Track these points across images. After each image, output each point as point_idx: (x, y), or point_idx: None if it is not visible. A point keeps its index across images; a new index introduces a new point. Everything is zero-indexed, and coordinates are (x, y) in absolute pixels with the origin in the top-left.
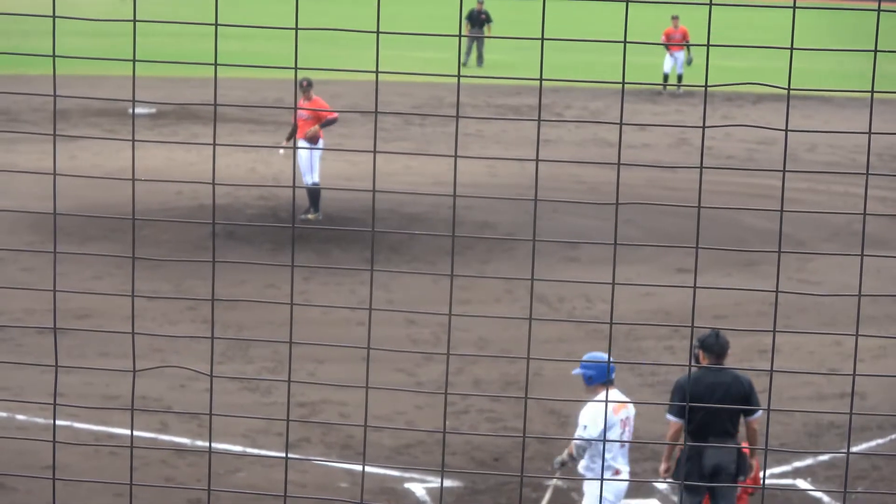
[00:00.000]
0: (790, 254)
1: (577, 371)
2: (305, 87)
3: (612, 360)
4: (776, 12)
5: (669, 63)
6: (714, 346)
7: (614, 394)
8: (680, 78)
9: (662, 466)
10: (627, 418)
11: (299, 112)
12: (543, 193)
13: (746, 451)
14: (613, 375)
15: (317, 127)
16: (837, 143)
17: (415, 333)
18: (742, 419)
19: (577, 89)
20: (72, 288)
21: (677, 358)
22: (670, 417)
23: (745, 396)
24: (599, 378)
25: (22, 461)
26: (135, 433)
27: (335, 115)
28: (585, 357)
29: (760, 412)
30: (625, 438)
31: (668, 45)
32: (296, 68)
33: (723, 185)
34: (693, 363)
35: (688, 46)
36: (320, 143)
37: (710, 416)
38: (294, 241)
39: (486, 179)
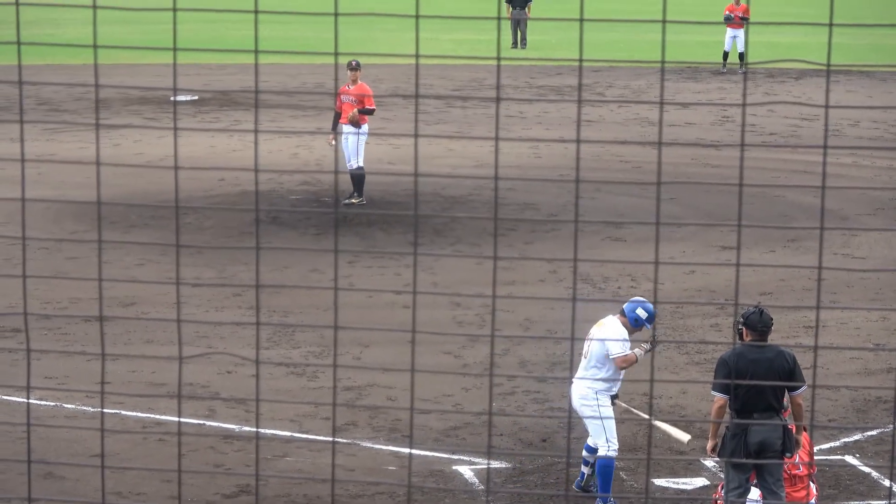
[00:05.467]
0: (834, 230)
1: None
2: (354, 66)
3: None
4: None
5: (730, 41)
6: (757, 322)
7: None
8: (741, 57)
9: (709, 444)
10: (588, 335)
11: (344, 95)
12: (586, 173)
13: (792, 427)
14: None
15: (356, 111)
16: (880, 117)
17: (460, 315)
18: (787, 395)
19: (619, 68)
20: (116, 275)
21: (723, 335)
22: (715, 393)
23: (788, 372)
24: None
25: (70, 449)
26: (182, 420)
27: (373, 107)
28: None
29: (805, 387)
30: (584, 352)
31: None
32: (336, 54)
33: (766, 161)
34: (737, 340)
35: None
36: (364, 129)
37: (755, 392)
38: (337, 226)
39: (529, 160)
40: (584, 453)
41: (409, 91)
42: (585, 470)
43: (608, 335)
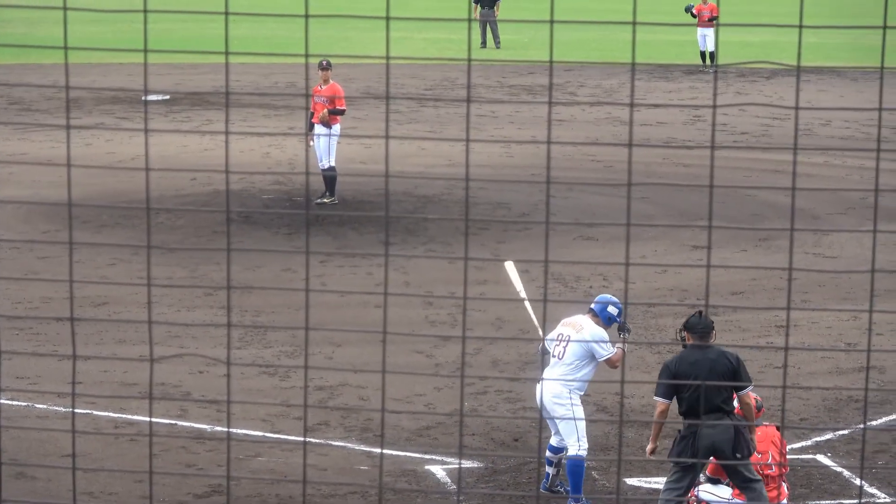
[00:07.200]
0: (805, 231)
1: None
2: (325, 66)
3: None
4: None
5: (702, 39)
6: (697, 325)
7: (574, 316)
8: (712, 56)
9: (649, 447)
10: (560, 336)
11: (317, 96)
12: (558, 172)
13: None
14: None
15: (326, 111)
16: (852, 116)
17: (432, 314)
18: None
19: (591, 67)
20: (87, 275)
21: None
22: (657, 398)
23: (732, 372)
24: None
25: (42, 449)
26: (154, 419)
27: (344, 108)
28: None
29: (750, 387)
30: (556, 353)
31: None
32: (306, 55)
33: (738, 160)
34: (682, 346)
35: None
36: (337, 129)
37: (699, 394)
38: (309, 227)
39: (501, 160)
40: (548, 454)
41: (381, 90)
42: (550, 471)
43: (589, 337)
